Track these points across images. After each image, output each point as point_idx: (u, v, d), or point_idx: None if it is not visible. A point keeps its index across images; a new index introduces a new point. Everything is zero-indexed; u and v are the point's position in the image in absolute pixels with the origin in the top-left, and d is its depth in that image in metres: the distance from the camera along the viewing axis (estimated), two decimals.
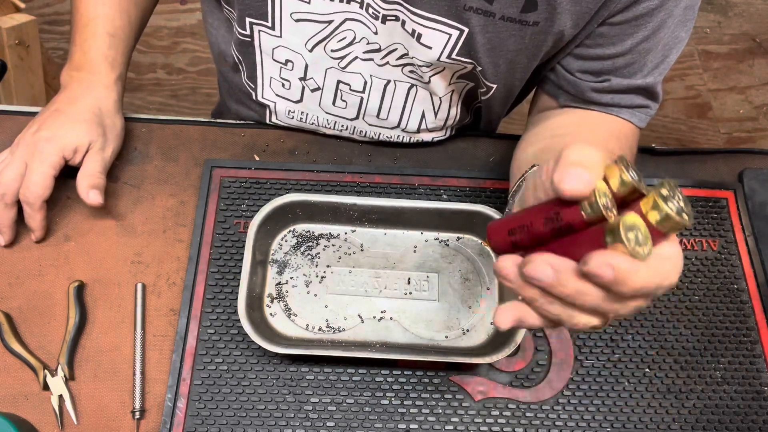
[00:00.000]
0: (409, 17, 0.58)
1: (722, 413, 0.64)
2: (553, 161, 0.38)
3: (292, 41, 0.65)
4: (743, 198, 0.74)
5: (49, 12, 1.87)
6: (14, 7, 1.17)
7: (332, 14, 0.61)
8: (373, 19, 0.61)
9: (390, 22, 0.60)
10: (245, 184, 0.71)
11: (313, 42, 0.65)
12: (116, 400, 0.62)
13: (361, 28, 0.62)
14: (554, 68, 0.66)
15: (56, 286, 0.66)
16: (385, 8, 0.59)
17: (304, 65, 0.68)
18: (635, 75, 0.63)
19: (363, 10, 0.60)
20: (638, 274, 0.34)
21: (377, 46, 0.64)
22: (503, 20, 0.57)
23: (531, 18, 0.57)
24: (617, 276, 0.34)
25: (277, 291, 0.65)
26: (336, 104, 0.72)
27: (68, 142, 0.65)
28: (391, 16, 0.60)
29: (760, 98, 1.91)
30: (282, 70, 0.70)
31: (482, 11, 0.57)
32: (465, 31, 0.58)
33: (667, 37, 0.61)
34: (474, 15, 0.57)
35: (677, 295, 0.69)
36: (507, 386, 0.64)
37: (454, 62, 0.62)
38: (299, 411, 0.62)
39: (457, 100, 0.72)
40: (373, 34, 0.62)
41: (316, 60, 0.67)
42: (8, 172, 0.64)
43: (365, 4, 0.60)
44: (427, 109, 0.72)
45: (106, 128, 0.69)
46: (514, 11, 0.57)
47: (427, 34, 0.59)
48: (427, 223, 0.68)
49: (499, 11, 0.57)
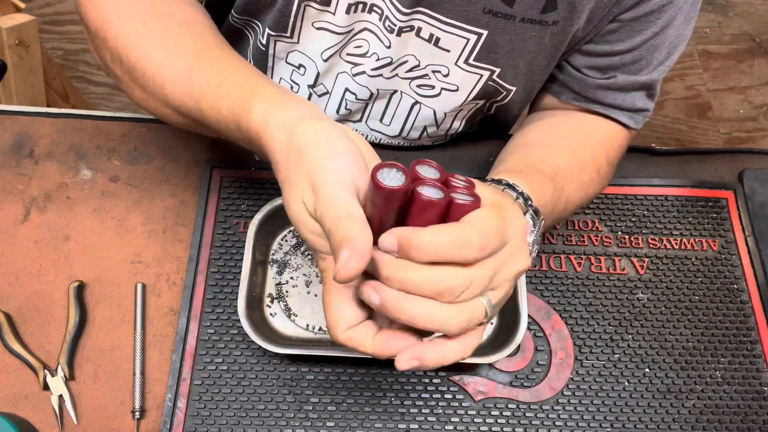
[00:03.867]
0: (427, 23, 0.58)
1: (722, 413, 0.64)
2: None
3: (308, 47, 0.64)
4: (743, 198, 0.74)
5: (49, 12, 1.87)
6: (14, 7, 1.17)
7: (352, 24, 0.60)
8: (388, 33, 0.60)
9: (405, 34, 0.60)
10: (245, 184, 0.71)
11: (329, 53, 0.64)
12: (116, 400, 0.62)
13: (375, 41, 0.61)
14: (560, 65, 0.66)
15: (56, 286, 0.66)
16: (403, 20, 0.58)
17: (315, 73, 0.67)
18: (641, 72, 0.63)
19: (380, 23, 0.59)
20: (421, 236, 0.35)
21: (389, 60, 0.63)
22: (523, 22, 0.57)
23: (551, 18, 0.57)
24: (401, 241, 0.35)
25: (277, 291, 0.65)
26: (340, 113, 0.71)
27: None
28: (407, 27, 0.59)
29: (760, 98, 1.91)
30: (293, 73, 0.69)
31: (502, 14, 0.56)
32: (483, 35, 0.58)
33: (674, 35, 0.61)
34: (494, 18, 0.56)
35: (677, 295, 0.69)
36: (507, 386, 0.64)
37: (473, 68, 0.62)
38: (299, 411, 0.62)
39: (463, 116, 0.72)
40: (385, 48, 0.62)
41: (330, 67, 0.66)
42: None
43: (384, 17, 0.58)
44: (430, 124, 0.72)
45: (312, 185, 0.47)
46: (535, 12, 0.56)
47: (445, 38, 0.59)
48: None
49: (519, 13, 0.56)
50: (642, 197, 0.74)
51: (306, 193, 0.38)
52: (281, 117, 0.42)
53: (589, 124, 0.66)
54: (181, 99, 0.50)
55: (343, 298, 0.39)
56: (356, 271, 0.34)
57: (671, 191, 0.75)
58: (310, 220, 0.38)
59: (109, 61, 0.54)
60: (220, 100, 0.47)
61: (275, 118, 0.42)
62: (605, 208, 0.73)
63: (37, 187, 0.71)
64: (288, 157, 0.40)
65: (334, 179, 0.37)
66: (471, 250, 0.36)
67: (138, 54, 0.51)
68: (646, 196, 0.74)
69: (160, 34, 0.52)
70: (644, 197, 0.74)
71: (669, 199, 0.74)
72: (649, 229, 0.72)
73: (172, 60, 0.50)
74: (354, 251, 0.34)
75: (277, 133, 0.41)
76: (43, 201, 0.70)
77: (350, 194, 0.37)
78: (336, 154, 0.38)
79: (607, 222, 0.72)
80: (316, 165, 0.38)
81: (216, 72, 0.49)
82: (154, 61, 0.51)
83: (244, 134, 0.45)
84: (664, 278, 0.70)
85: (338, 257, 0.34)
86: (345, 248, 0.34)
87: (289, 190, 0.40)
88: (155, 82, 0.51)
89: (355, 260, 0.34)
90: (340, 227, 0.35)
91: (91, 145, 0.74)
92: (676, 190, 0.75)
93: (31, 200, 0.70)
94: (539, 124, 0.68)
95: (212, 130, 0.51)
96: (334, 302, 0.39)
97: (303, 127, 0.40)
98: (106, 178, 0.72)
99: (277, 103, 0.44)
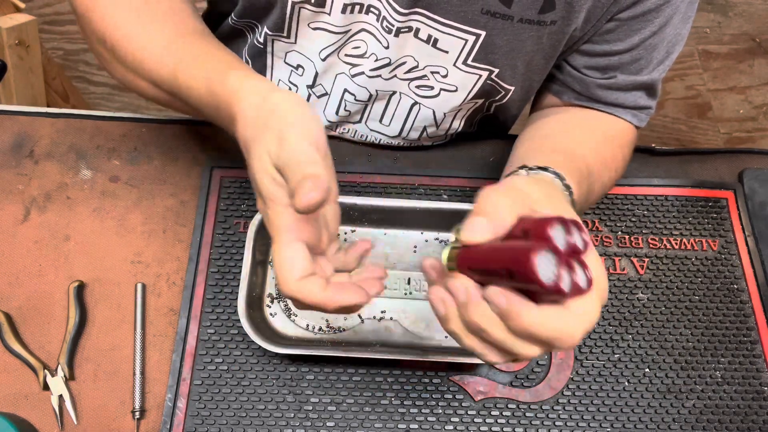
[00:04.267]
0: (425, 24, 0.58)
1: (722, 413, 0.64)
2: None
3: (306, 47, 0.65)
4: (743, 198, 0.74)
5: (49, 12, 1.87)
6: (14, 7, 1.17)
7: (349, 25, 0.60)
8: (386, 33, 0.60)
9: (403, 34, 0.60)
10: (245, 184, 0.71)
11: (327, 52, 0.64)
12: (116, 400, 0.62)
13: (373, 42, 0.62)
14: (560, 65, 0.66)
15: (56, 286, 0.66)
16: (400, 20, 0.58)
17: (314, 73, 0.67)
18: (641, 72, 0.63)
19: (378, 23, 0.59)
20: (530, 313, 0.35)
21: (387, 61, 0.63)
22: (521, 22, 0.57)
23: (549, 18, 0.57)
24: (509, 308, 0.35)
25: (277, 291, 0.65)
26: (339, 113, 0.71)
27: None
28: (404, 28, 0.59)
29: (760, 98, 1.91)
30: (292, 73, 0.69)
31: (500, 15, 0.56)
32: (482, 36, 0.58)
33: (672, 34, 0.61)
34: (492, 19, 0.56)
35: (677, 295, 0.69)
36: (507, 386, 0.64)
37: (471, 69, 0.62)
38: (299, 411, 0.62)
39: (462, 116, 0.72)
40: (383, 48, 0.62)
41: (328, 67, 0.66)
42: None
43: (381, 17, 0.59)
44: (429, 125, 0.72)
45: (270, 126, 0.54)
46: (533, 13, 0.56)
47: (443, 39, 0.59)
48: (427, 223, 0.68)
49: (517, 14, 0.56)
50: (642, 197, 0.74)
51: (272, 146, 0.41)
52: (255, 83, 0.45)
53: (604, 122, 0.66)
54: (157, 70, 0.52)
55: (295, 250, 0.40)
56: (316, 201, 0.37)
57: (671, 191, 0.75)
58: (272, 168, 0.41)
59: (95, 42, 0.57)
60: (196, 69, 0.50)
61: (249, 84, 0.45)
62: (605, 208, 0.73)
63: (37, 187, 0.71)
64: (258, 116, 0.43)
65: (302, 135, 0.41)
66: (566, 343, 0.36)
67: (121, 33, 0.54)
68: (646, 196, 0.74)
69: (145, 16, 0.55)
70: (644, 197, 0.74)
71: (669, 199, 0.74)
72: (649, 229, 0.72)
73: (153, 35, 0.53)
74: (317, 183, 0.37)
75: (251, 95, 0.44)
76: (43, 201, 0.70)
77: (314, 150, 0.40)
78: (307, 118, 0.42)
79: (607, 222, 0.72)
80: (287, 122, 0.42)
81: (194, 48, 0.52)
82: (137, 38, 0.54)
83: (214, 99, 0.47)
84: (664, 278, 0.70)
85: (300, 188, 0.37)
86: (309, 181, 0.37)
87: (255, 146, 0.42)
88: (135, 56, 0.53)
89: (317, 192, 0.37)
90: (306, 168, 0.39)
91: (91, 145, 0.74)
92: (676, 190, 0.75)
93: (31, 200, 0.70)
94: (556, 117, 0.67)
95: (183, 104, 0.53)
96: (285, 254, 0.40)
97: (279, 93, 0.44)
98: (106, 178, 0.72)
99: (252, 74, 0.47)
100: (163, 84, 0.53)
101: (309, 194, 0.37)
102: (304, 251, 0.41)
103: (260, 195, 0.42)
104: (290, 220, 0.41)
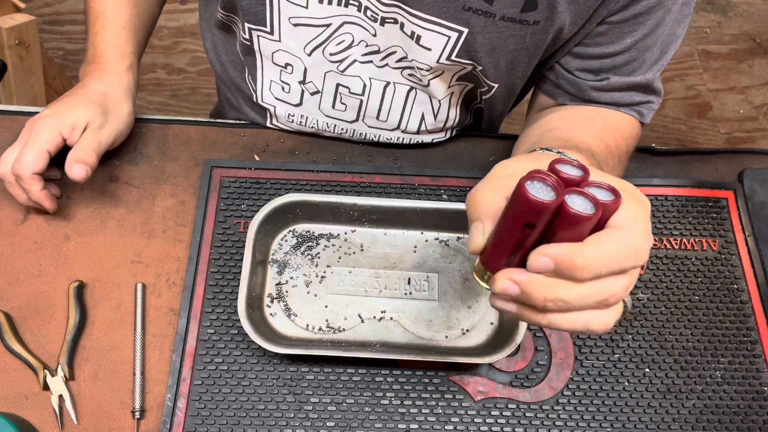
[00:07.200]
0: (407, 19, 0.58)
1: (722, 413, 0.64)
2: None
3: (291, 45, 0.65)
4: (743, 198, 0.74)
5: (49, 12, 1.87)
6: (14, 7, 1.17)
7: (330, 18, 0.61)
8: (372, 22, 0.61)
9: (389, 24, 0.60)
10: (245, 184, 0.71)
11: (311, 46, 0.65)
12: (116, 400, 0.62)
13: (360, 31, 0.62)
14: (553, 67, 0.66)
15: (56, 286, 0.66)
16: (384, 10, 0.59)
17: (303, 69, 0.68)
18: (634, 73, 0.63)
19: (361, 14, 0.60)
20: (583, 253, 0.33)
21: (376, 48, 0.64)
22: (503, 20, 0.57)
23: (531, 17, 0.57)
24: (559, 261, 0.33)
25: (277, 291, 0.65)
26: (335, 107, 0.72)
27: (66, 120, 0.65)
28: (390, 18, 0.60)
29: (760, 98, 1.91)
30: (282, 73, 0.70)
31: (482, 12, 0.57)
32: (464, 32, 0.58)
33: (665, 35, 0.61)
34: (474, 16, 0.57)
35: (677, 295, 0.69)
36: (507, 386, 0.64)
37: (454, 63, 0.62)
38: (299, 411, 0.62)
39: (456, 102, 0.72)
40: (372, 36, 0.63)
41: (315, 64, 0.67)
42: (8, 153, 0.64)
43: (363, 7, 0.60)
44: (427, 111, 0.72)
45: (109, 112, 0.68)
46: (515, 11, 0.56)
47: (426, 36, 0.59)
48: (427, 223, 0.68)
49: (499, 11, 0.57)
50: None
51: (98, 119, 0.66)
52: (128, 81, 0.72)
53: (604, 113, 0.66)
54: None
55: (38, 152, 0.65)
56: (80, 177, 0.63)
57: (671, 191, 0.75)
58: (82, 125, 0.66)
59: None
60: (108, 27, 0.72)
61: (120, 77, 0.72)
62: None
63: None
64: (107, 96, 0.69)
65: (113, 132, 0.68)
66: (639, 257, 0.34)
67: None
68: (646, 196, 0.74)
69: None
70: None
71: (669, 199, 0.74)
72: None
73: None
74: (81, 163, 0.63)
75: (115, 61, 0.71)
76: None
77: (98, 146, 0.66)
78: (124, 131, 0.71)
79: None
80: (117, 117, 0.69)
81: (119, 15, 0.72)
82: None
83: (93, 50, 0.72)
84: (664, 278, 0.70)
85: (72, 162, 0.64)
86: (79, 163, 0.63)
87: (90, 106, 0.67)
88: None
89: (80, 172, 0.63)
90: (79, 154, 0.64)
91: None
92: (676, 190, 0.75)
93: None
94: (557, 114, 0.67)
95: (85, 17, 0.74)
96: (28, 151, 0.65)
97: (129, 103, 0.71)
98: (106, 178, 0.72)
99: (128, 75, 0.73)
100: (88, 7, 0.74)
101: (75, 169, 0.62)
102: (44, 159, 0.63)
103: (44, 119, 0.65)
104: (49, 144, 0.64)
